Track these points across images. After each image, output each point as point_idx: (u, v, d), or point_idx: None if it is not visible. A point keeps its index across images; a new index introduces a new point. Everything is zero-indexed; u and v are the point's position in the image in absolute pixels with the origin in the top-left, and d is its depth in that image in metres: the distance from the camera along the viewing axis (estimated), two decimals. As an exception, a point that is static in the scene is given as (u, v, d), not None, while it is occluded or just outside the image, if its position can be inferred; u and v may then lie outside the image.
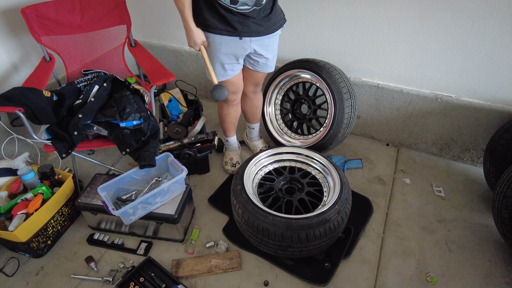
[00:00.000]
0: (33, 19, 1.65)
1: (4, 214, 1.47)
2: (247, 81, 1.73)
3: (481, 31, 1.59)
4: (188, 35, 1.42)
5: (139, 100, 1.61)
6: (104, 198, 1.43)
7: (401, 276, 1.45)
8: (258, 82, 1.76)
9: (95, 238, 1.62)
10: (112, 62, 1.97)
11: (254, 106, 1.91)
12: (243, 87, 1.76)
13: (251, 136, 2.10)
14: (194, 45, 1.44)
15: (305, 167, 1.70)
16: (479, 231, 1.63)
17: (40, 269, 1.51)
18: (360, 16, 1.79)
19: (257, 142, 2.10)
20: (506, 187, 1.39)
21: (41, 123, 1.49)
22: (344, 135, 1.86)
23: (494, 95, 1.75)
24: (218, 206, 1.76)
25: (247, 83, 1.74)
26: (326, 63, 1.82)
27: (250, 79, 1.72)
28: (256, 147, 2.09)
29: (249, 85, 1.76)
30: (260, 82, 1.77)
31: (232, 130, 1.95)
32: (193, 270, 1.47)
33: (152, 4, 2.34)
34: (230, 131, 1.95)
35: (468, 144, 1.94)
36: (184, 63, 2.55)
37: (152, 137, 1.61)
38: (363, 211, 1.71)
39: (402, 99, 1.97)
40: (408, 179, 1.92)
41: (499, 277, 1.44)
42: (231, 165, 1.99)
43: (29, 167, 1.57)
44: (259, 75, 1.70)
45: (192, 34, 1.41)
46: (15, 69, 1.92)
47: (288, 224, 1.31)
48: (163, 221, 1.50)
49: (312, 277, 1.42)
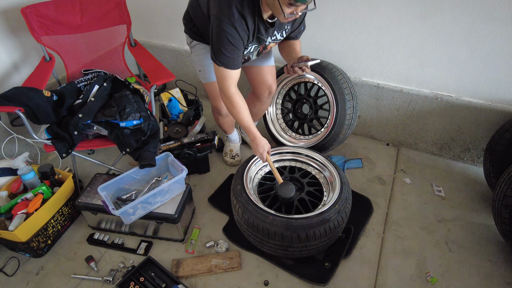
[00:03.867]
0: (33, 19, 1.65)
1: (4, 214, 1.47)
2: (260, 83, 1.74)
3: (481, 30, 1.59)
4: (257, 145, 1.51)
5: (139, 100, 1.61)
6: (104, 198, 1.43)
7: (401, 275, 1.45)
8: (271, 85, 1.76)
9: (95, 237, 1.62)
10: (112, 61, 1.97)
11: (263, 109, 1.93)
12: (258, 92, 1.77)
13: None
14: (263, 152, 1.52)
15: (305, 166, 1.70)
16: (479, 231, 1.63)
17: (40, 268, 1.51)
18: (360, 15, 1.79)
19: None
20: (506, 187, 1.39)
21: (41, 123, 1.49)
22: (345, 136, 1.86)
23: (494, 95, 1.74)
24: (218, 206, 1.76)
25: (260, 84, 1.74)
26: (328, 64, 1.82)
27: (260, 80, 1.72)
28: None
29: (261, 86, 1.75)
30: (273, 85, 1.77)
31: (231, 128, 1.96)
32: (193, 269, 1.47)
33: (152, 4, 2.34)
34: (230, 129, 1.96)
35: (468, 144, 1.94)
36: (184, 63, 2.55)
37: (152, 137, 1.61)
38: (363, 211, 1.71)
39: (402, 98, 1.96)
40: (408, 179, 1.92)
41: (499, 277, 1.43)
42: (231, 157, 2.02)
43: (29, 167, 1.57)
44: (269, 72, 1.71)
45: (261, 142, 1.50)
46: (15, 69, 1.92)
47: (288, 223, 1.31)
48: (163, 220, 1.50)
49: (312, 277, 1.42)
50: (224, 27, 1.24)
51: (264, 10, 1.30)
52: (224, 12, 1.23)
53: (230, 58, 1.32)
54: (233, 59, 1.34)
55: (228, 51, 1.30)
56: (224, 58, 1.32)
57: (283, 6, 1.18)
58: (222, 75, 1.37)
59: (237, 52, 1.33)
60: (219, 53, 1.31)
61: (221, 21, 1.23)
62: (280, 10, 1.20)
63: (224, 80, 1.38)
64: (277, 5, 1.18)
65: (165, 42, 2.53)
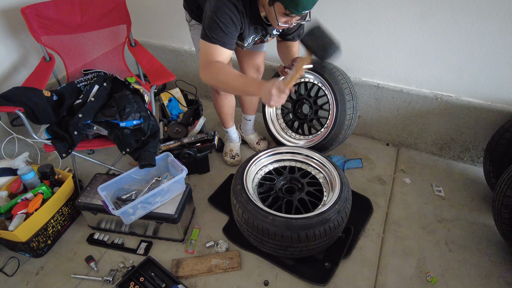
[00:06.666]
0: (33, 19, 1.65)
1: (4, 214, 1.47)
2: (248, 65, 1.74)
3: (481, 30, 1.59)
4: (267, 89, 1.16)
5: (139, 100, 1.61)
6: (104, 198, 1.43)
7: (401, 276, 1.45)
8: (260, 66, 1.77)
9: (95, 237, 1.62)
10: (112, 62, 1.97)
11: (254, 97, 1.92)
12: (244, 73, 1.77)
13: (246, 128, 2.12)
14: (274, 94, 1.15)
15: (305, 166, 1.70)
16: (479, 231, 1.63)
17: (40, 268, 1.51)
18: (360, 15, 1.79)
19: (252, 136, 2.13)
20: (506, 187, 1.39)
21: (41, 123, 1.49)
22: (345, 136, 1.86)
23: (494, 95, 1.74)
24: (218, 206, 1.76)
25: (248, 67, 1.75)
26: (328, 64, 1.82)
27: (249, 63, 1.73)
28: (252, 141, 2.12)
29: (250, 70, 1.76)
30: (261, 66, 1.78)
31: (230, 121, 1.95)
32: (193, 269, 1.47)
33: (152, 4, 2.34)
34: (228, 122, 1.95)
35: (468, 144, 1.94)
36: (184, 63, 2.55)
37: (152, 137, 1.61)
38: (363, 211, 1.71)
39: (402, 98, 1.97)
40: (408, 179, 1.92)
41: (499, 277, 1.44)
42: (231, 157, 2.02)
43: (29, 167, 1.57)
44: (259, 56, 1.71)
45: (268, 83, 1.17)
46: (15, 69, 1.92)
47: (288, 223, 1.31)
48: (163, 221, 1.50)
49: (312, 277, 1.42)
50: (225, 3, 1.20)
51: (261, 9, 1.30)
52: None
53: (226, 35, 1.23)
54: (229, 37, 1.25)
55: (225, 27, 1.22)
56: (221, 35, 1.22)
57: (278, 15, 1.19)
58: (212, 52, 1.25)
59: (234, 31, 1.26)
60: (215, 29, 1.22)
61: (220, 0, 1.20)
62: (274, 18, 1.21)
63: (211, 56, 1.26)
64: (273, 13, 1.20)
65: (165, 42, 2.53)
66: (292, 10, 1.14)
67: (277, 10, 1.18)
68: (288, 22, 1.23)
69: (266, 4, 1.21)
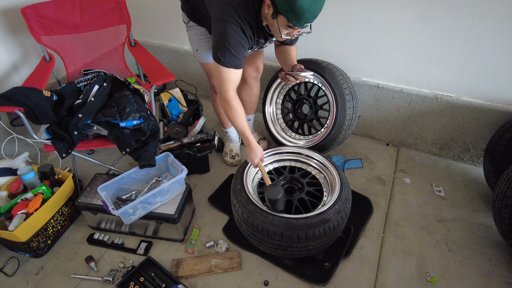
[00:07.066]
0: (33, 19, 1.65)
1: (4, 214, 1.47)
2: (247, 65, 1.74)
3: (481, 30, 1.59)
4: (251, 151, 1.49)
5: (139, 100, 1.61)
6: (104, 198, 1.43)
7: (401, 276, 1.45)
8: (259, 65, 1.78)
9: (95, 237, 1.62)
10: (112, 62, 1.97)
11: (254, 95, 1.93)
12: (246, 75, 1.78)
13: None
14: (254, 158, 1.49)
15: (305, 166, 1.70)
16: (479, 231, 1.63)
17: (40, 268, 1.51)
18: (360, 15, 1.79)
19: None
20: (506, 187, 1.39)
21: (41, 123, 1.49)
22: (345, 136, 1.86)
23: (494, 95, 1.74)
24: (218, 206, 1.76)
25: (248, 67, 1.76)
26: (328, 64, 1.82)
27: (249, 62, 1.73)
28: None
29: (249, 69, 1.77)
30: (260, 66, 1.79)
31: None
32: (193, 269, 1.47)
33: (152, 4, 2.34)
34: (228, 122, 1.96)
35: (468, 144, 1.94)
36: (184, 63, 2.55)
37: (152, 137, 1.61)
38: (363, 211, 1.71)
39: (402, 98, 1.96)
40: (408, 179, 1.92)
41: (499, 277, 1.43)
42: (231, 157, 2.03)
43: (29, 167, 1.57)
44: (258, 56, 1.72)
45: (255, 149, 1.48)
46: (15, 69, 1.92)
47: (287, 223, 1.31)
48: (163, 221, 1.50)
49: (312, 277, 1.42)
50: (233, 27, 1.27)
51: (264, 21, 1.33)
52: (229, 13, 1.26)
53: (237, 59, 1.34)
54: (239, 59, 1.36)
55: (236, 51, 1.31)
56: (232, 59, 1.33)
57: (281, 28, 1.24)
58: (227, 77, 1.38)
59: (243, 52, 1.36)
60: (226, 54, 1.31)
61: (228, 23, 1.26)
62: (277, 30, 1.26)
63: (226, 82, 1.39)
64: (276, 25, 1.24)
65: (165, 42, 2.53)
66: (295, 23, 1.19)
67: (280, 22, 1.23)
68: (290, 34, 1.29)
69: (269, 17, 1.26)
